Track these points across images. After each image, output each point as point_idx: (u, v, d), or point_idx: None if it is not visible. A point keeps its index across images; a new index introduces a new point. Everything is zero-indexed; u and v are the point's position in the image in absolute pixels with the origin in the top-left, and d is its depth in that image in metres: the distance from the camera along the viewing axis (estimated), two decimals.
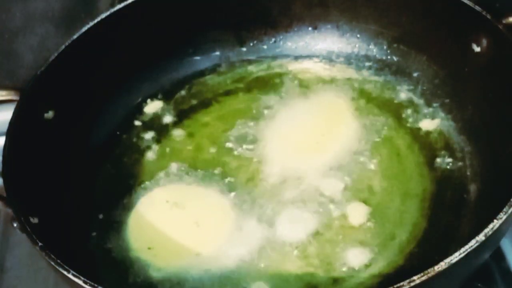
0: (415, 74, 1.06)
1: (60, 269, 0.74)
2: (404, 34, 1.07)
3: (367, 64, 1.10)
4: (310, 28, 1.13)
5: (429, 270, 0.69)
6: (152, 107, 1.10)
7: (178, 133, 1.06)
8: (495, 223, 0.72)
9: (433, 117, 1.01)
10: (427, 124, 1.00)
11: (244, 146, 1.02)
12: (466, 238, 0.75)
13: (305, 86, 1.09)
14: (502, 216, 0.73)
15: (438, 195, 0.92)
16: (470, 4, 0.95)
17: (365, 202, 0.92)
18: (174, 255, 0.90)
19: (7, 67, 1.25)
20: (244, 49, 1.15)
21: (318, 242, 0.89)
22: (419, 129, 1.00)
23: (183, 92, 1.12)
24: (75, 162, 1.00)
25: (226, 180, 0.97)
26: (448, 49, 1.01)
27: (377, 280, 0.84)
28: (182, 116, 1.09)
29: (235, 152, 1.01)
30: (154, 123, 1.08)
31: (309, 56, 1.13)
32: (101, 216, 0.96)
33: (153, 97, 1.11)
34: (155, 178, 0.99)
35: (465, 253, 0.70)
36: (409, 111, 1.03)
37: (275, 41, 1.15)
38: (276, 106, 1.07)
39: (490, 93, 0.94)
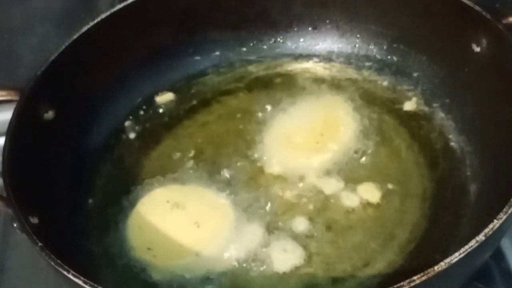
0: (415, 74, 1.06)
1: (60, 269, 0.74)
2: (404, 34, 1.07)
3: (367, 64, 1.10)
4: (310, 28, 1.13)
5: (429, 270, 0.69)
6: (152, 107, 1.10)
7: (178, 133, 1.06)
8: (495, 223, 0.72)
9: (432, 117, 1.01)
10: (426, 123, 1.01)
11: (244, 146, 1.02)
12: (466, 238, 0.75)
13: (305, 86, 1.09)
14: (502, 216, 0.73)
15: (438, 195, 0.92)
16: (470, 4, 0.95)
17: (365, 202, 0.92)
18: (174, 255, 0.90)
19: (7, 67, 1.25)
20: (244, 49, 1.15)
21: (318, 242, 0.89)
22: (419, 129, 1.00)
23: (183, 92, 1.12)
24: (75, 162, 1.00)
25: (226, 180, 0.97)
26: (448, 49, 1.01)
27: (377, 280, 0.84)
28: (182, 116, 1.09)
29: (235, 152, 1.01)
30: (154, 123, 1.08)
31: (309, 56, 1.13)
32: (101, 216, 0.96)
33: (153, 97, 1.11)
34: (155, 178, 0.99)
35: (465, 253, 0.70)
36: (409, 111, 1.03)
37: (275, 41, 1.15)
38: (276, 106, 1.07)
39: (490, 93, 0.94)
